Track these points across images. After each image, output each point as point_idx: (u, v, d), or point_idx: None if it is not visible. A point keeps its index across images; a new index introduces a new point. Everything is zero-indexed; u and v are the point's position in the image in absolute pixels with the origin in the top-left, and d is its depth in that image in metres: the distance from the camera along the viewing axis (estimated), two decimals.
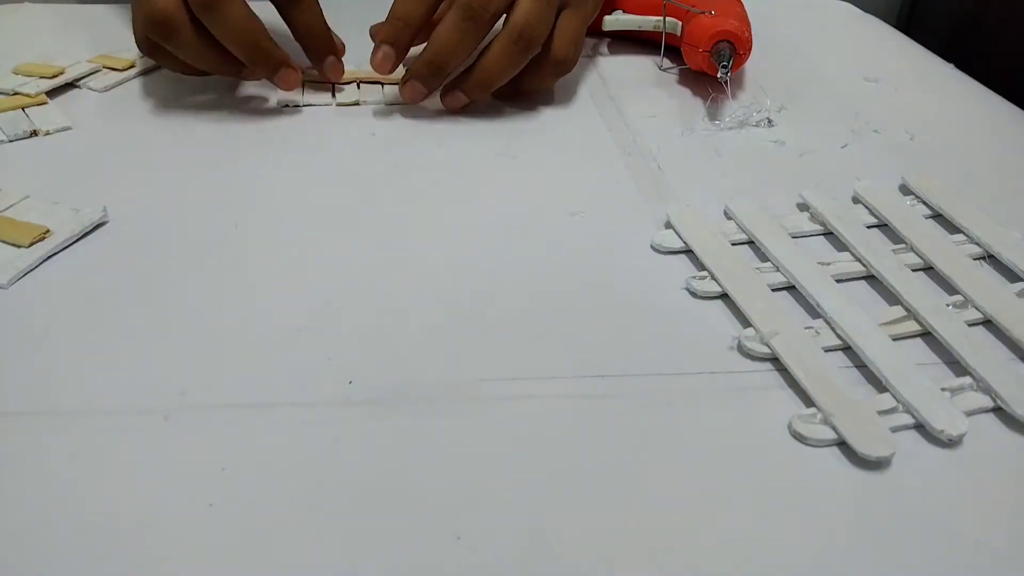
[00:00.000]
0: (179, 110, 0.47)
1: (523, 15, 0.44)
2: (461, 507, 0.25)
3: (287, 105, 0.48)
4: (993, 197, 0.41)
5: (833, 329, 0.32)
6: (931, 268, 0.36)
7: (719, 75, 0.48)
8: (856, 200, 0.41)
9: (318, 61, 0.48)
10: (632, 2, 0.57)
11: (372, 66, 0.47)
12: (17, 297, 0.33)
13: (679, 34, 0.53)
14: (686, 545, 0.24)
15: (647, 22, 0.56)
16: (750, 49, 0.50)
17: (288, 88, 0.46)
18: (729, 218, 0.39)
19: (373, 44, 0.46)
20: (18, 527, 0.24)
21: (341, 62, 0.49)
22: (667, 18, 0.54)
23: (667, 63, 0.55)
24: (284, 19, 0.46)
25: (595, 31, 0.58)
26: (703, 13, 0.51)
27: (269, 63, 0.45)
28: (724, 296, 0.34)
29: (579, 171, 0.43)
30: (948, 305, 0.33)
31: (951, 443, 0.28)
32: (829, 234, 0.38)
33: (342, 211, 0.39)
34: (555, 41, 0.46)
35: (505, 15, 0.45)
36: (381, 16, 0.47)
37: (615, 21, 0.56)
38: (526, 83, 0.48)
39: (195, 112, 0.47)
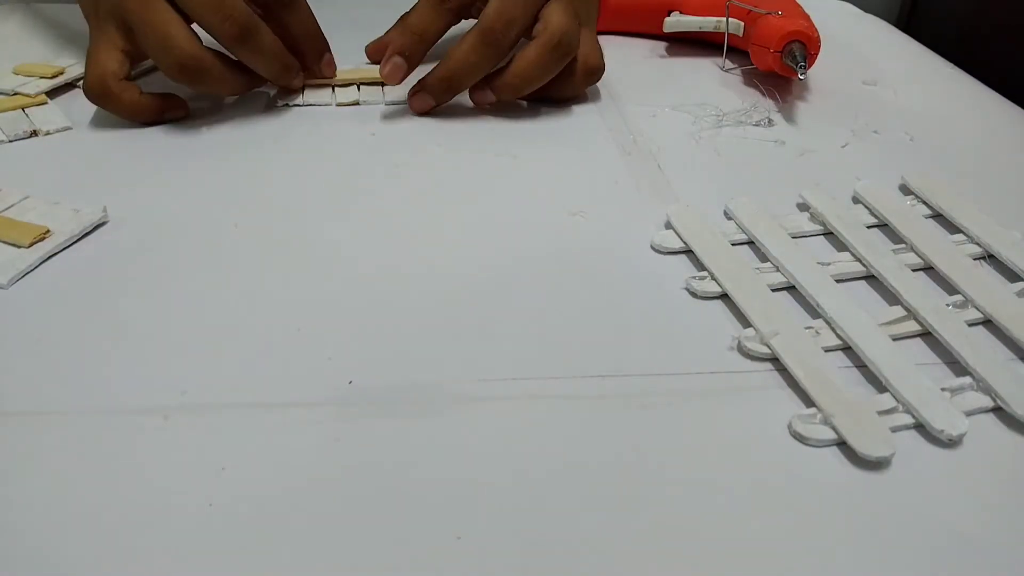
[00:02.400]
0: None
1: (560, 25, 0.44)
2: (461, 507, 0.25)
3: (287, 105, 0.48)
4: (993, 197, 0.41)
5: (833, 329, 0.32)
6: (931, 268, 0.36)
7: (798, 76, 0.48)
8: (856, 200, 0.41)
9: (316, 61, 0.48)
10: (691, 4, 0.57)
11: (382, 75, 0.47)
12: (17, 297, 0.33)
13: (742, 35, 0.54)
14: (686, 545, 0.24)
15: (707, 23, 0.55)
16: (820, 48, 0.50)
17: (297, 87, 0.48)
18: (729, 218, 0.39)
19: (385, 52, 0.47)
20: (18, 527, 0.24)
21: (332, 56, 0.49)
22: (729, 19, 0.54)
23: (729, 64, 0.55)
24: (275, 22, 0.45)
25: (655, 34, 0.59)
26: (770, 14, 0.51)
27: (290, 75, 0.47)
28: (724, 296, 0.34)
29: (579, 171, 0.43)
30: (948, 305, 0.33)
31: (951, 443, 0.28)
32: (829, 234, 0.38)
33: (342, 211, 0.39)
34: (584, 49, 0.47)
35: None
36: (376, 15, 0.47)
37: (675, 23, 0.56)
38: (558, 91, 0.48)
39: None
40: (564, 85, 0.48)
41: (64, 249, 0.36)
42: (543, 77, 0.46)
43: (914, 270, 0.36)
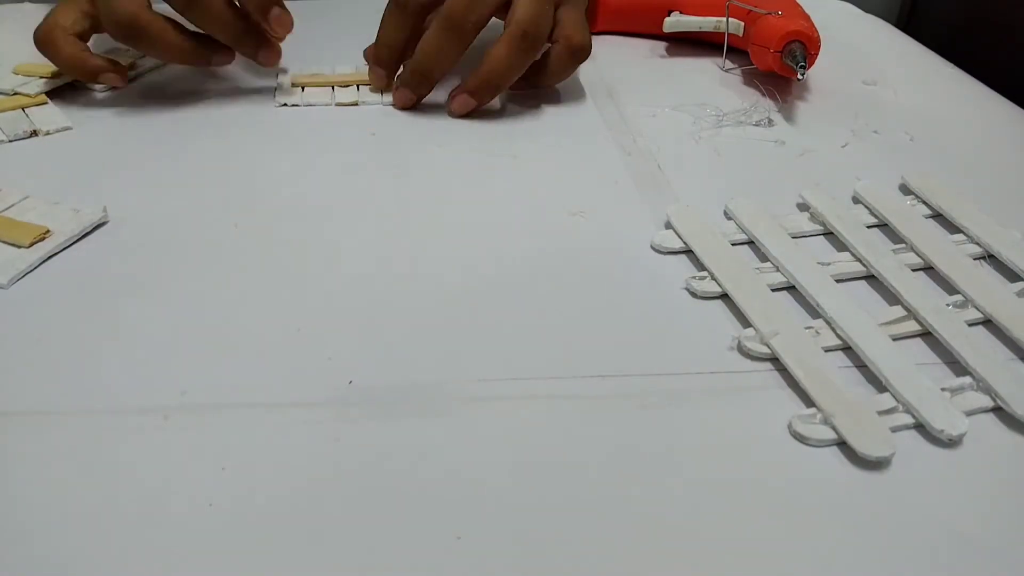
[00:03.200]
0: (179, 110, 0.47)
1: (524, 12, 0.44)
2: (461, 507, 0.25)
3: (287, 105, 0.48)
4: (993, 197, 0.41)
5: (833, 329, 0.32)
6: (931, 268, 0.36)
7: (797, 76, 0.48)
8: (856, 200, 0.41)
9: (263, 18, 0.46)
10: (691, 4, 0.57)
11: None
12: (17, 297, 0.33)
13: (742, 35, 0.54)
14: (686, 545, 0.24)
15: (707, 23, 0.55)
16: (820, 48, 0.50)
17: (270, 64, 0.48)
18: (729, 218, 0.39)
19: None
20: (18, 527, 0.24)
21: (287, 12, 0.47)
22: (729, 19, 0.54)
23: (729, 64, 0.55)
24: None
25: (654, 34, 0.59)
26: (770, 14, 0.51)
27: (251, 42, 0.47)
28: (724, 296, 0.34)
29: (579, 171, 0.43)
30: (948, 305, 0.33)
31: (951, 443, 0.28)
32: (829, 234, 0.38)
33: (342, 211, 0.39)
34: (566, 29, 0.46)
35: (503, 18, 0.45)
36: (377, 18, 0.47)
37: (675, 23, 0.56)
38: (544, 76, 0.48)
39: (195, 112, 0.47)
40: (549, 69, 0.48)
41: (64, 249, 0.36)
42: (515, 70, 0.46)
43: (914, 270, 0.36)
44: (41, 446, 0.27)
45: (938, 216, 0.40)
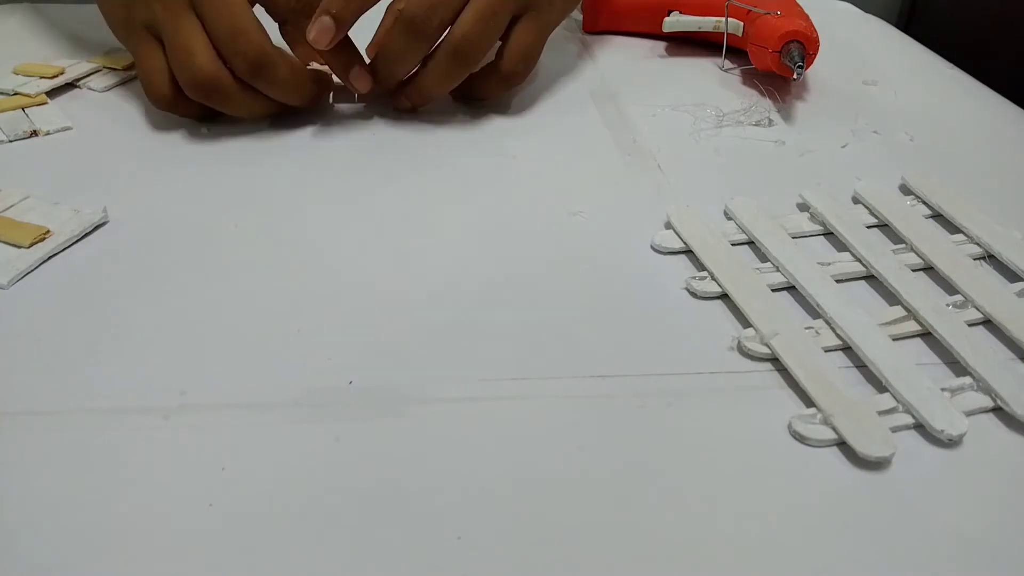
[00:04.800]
0: None
1: (462, 30, 0.43)
2: (461, 507, 0.25)
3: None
4: (993, 197, 0.41)
5: (833, 329, 0.32)
6: (931, 268, 0.36)
7: (794, 76, 0.48)
8: (856, 200, 0.41)
9: (343, 75, 0.45)
10: (691, 4, 0.57)
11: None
12: (17, 297, 0.33)
13: (741, 35, 0.54)
14: (686, 545, 0.24)
15: (706, 23, 0.55)
16: (818, 48, 0.50)
17: (364, 90, 0.46)
18: (729, 218, 0.39)
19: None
20: (18, 527, 0.24)
21: (363, 70, 0.45)
22: (728, 19, 0.54)
23: (728, 64, 0.55)
24: (299, 32, 0.44)
25: (654, 33, 0.59)
26: (769, 14, 0.51)
27: (325, 92, 0.47)
28: (724, 296, 0.34)
29: (579, 171, 0.43)
30: (948, 305, 0.33)
31: (951, 443, 0.28)
32: (829, 234, 0.38)
33: (341, 211, 0.39)
34: (506, 53, 0.45)
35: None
36: (377, 19, 0.47)
37: (674, 23, 0.56)
38: (475, 91, 0.47)
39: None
40: (480, 86, 0.47)
41: (64, 249, 0.36)
42: (446, 86, 0.45)
43: (914, 270, 0.36)
44: (41, 446, 0.27)
45: (938, 216, 0.40)
